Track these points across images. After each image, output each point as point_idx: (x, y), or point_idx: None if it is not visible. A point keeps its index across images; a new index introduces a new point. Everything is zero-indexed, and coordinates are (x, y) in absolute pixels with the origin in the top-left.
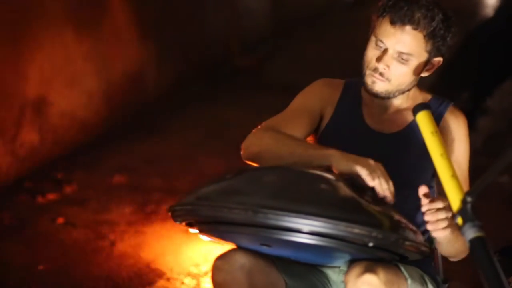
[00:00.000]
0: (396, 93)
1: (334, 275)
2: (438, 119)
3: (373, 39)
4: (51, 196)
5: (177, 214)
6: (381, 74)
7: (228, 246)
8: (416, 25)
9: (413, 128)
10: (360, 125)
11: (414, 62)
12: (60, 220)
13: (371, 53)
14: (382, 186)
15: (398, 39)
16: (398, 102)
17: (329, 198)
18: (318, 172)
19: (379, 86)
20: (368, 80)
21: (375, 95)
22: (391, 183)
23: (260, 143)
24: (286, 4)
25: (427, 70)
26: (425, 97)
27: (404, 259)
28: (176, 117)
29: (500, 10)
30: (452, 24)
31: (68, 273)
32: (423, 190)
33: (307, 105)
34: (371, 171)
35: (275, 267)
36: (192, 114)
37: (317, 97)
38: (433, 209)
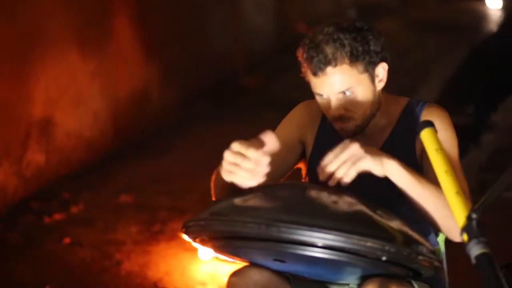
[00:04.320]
0: (369, 119)
1: None
2: (416, 120)
3: (314, 92)
4: (57, 216)
5: (191, 231)
6: (341, 118)
7: (242, 263)
8: (334, 63)
9: (390, 143)
10: None
11: (360, 88)
12: (67, 240)
13: (322, 105)
14: (240, 173)
15: (329, 84)
16: (374, 121)
17: (341, 212)
18: (332, 187)
19: (349, 127)
20: (337, 128)
21: (351, 136)
22: (248, 152)
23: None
24: (291, 22)
25: (379, 82)
26: (402, 102)
27: (417, 276)
28: (182, 136)
29: (504, 26)
30: (365, 33)
31: None
32: None
33: (285, 137)
34: (226, 171)
35: (289, 284)
36: (198, 132)
37: (297, 126)
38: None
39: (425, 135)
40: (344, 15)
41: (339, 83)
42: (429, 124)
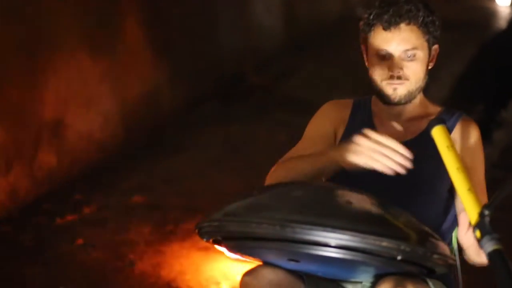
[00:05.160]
0: (416, 92)
1: None
2: (450, 131)
3: (373, 53)
4: (70, 218)
5: (205, 231)
6: (398, 77)
7: (255, 262)
8: (408, 20)
9: (427, 135)
10: None
11: (421, 54)
12: (80, 241)
13: (379, 66)
14: (386, 161)
15: (399, 40)
16: (410, 109)
17: (356, 211)
18: (345, 186)
19: (401, 90)
20: (388, 90)
21: (398, 102)
22: (392, 143)
23: (275, 178)
24: (299, 21)
25: (431, 61)
26: (435, 109)
27: (430, 273)
28: (192, 136)
29: None
30: (433, 8)
31: None
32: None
33: (321, 130)
34: (369, 154)
35: (303, 283)
36: (208, 132)
37: (329, 120)
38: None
39: (437, 133)
40: (353, 13)
41: (408, 41)
42: (440, 121)
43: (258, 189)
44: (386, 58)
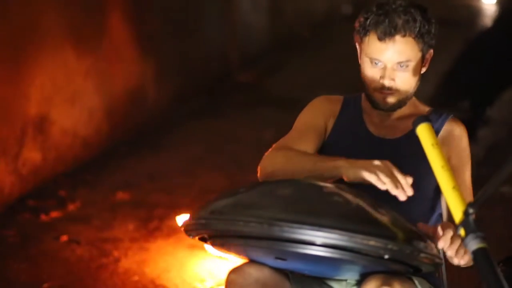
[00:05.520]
0: (407, 99)
1: None
2: (437, 131)
3: (366, 59)
4: (54, 214)
5: (191, 229)
6: (389, 88)
7: (241, 260)
8: (403, 32)
9: (412, 135)
10: (362, 131)
11: (413, 65)
12: (64, 237)
13: (370, 72)
14: (393, 185)
15: (393, 52)
16: (405, 107)
17: (344, 210)
18: (332, 185)
19: (390, 99)
20: (378, 98)
21: (389, 109)
22: (402, 177)
23: (273, 162)
24: (285, 18)
25: (423, 66)
26: (425, 109)
27: (416, 272)
28: (177, 133)
29: (498, 20)
30: (430, 16)
31: None
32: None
33: (312, 122)
34: (379, 175)
35: (288, 281)
36: (193, 129)
37: (320, 112)
38: (448, 241)
39: (421, 130)
40: (339, 11)
41: (402, 53)
42: (425, 119)
43: (245, 186)
44: (378, 67)
